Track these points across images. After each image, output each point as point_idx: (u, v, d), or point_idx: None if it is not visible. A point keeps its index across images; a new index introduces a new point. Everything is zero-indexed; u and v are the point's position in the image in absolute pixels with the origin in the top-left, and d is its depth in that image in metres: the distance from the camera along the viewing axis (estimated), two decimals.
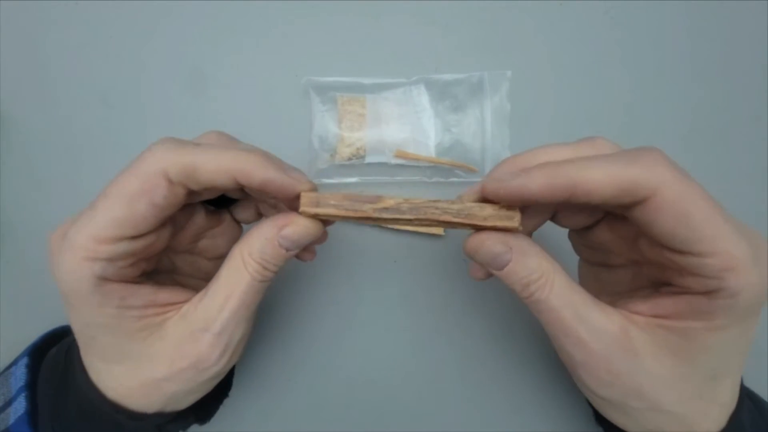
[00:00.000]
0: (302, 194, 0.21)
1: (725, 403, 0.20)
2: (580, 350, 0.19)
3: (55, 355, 0.26)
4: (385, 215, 0.20)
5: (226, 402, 0.29)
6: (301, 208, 0.21)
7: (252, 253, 0.21)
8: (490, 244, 0.20)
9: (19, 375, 0.26)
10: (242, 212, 0.26)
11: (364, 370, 0.33)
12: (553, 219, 0.24)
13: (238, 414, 0.33)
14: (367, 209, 0.21)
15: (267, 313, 0.33)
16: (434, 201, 0.20)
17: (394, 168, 0.33)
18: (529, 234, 0.24)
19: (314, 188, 0.21)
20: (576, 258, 0.27)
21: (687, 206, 0.17)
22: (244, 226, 0.27)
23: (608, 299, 0.21)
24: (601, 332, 0.19)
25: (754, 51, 0.33)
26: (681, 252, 0.18)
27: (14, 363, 0.27)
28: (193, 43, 0.33)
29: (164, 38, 0.33)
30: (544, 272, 0.19)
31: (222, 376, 0.23)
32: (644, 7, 0.33)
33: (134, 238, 0.20)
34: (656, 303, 0.20)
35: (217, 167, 0.20)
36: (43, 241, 0.33)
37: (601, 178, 0.17)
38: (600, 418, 0.24)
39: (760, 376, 0.33)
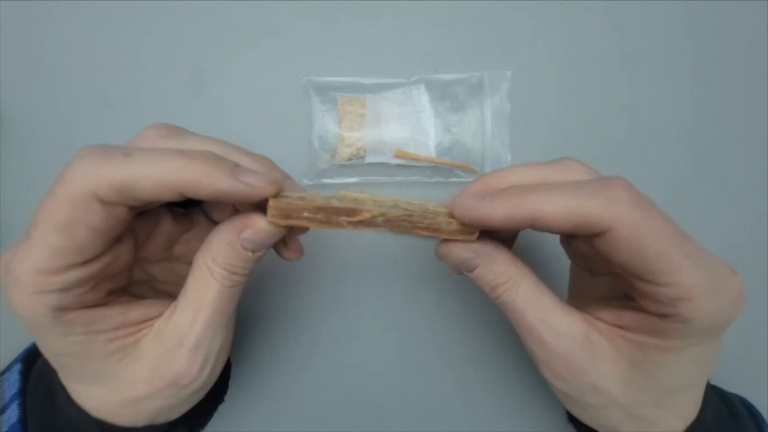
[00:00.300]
0: (270, 204, 0.19)
1: (683, 415, 0.21)
2: (542, 349, 0.21)
3: (41, 366, 0.25)
4: (360, 228, 0.20)
5: (226, 404, 0.29)
6: (269, 219, 0.19)
7: (216, 260, 0.20)
8: (458, 251, 0.21)
9: (13, 382, 0.25)
10: (218, 212, 0.24)
11: (364, 371, 0.33)
12: None
13: (238, 416, 0.33)
14: (342, 222, 0.20)
15: (266, 314, 0.33)
16: (408, 215, 0.21)
17: (394, 168, 0.33)
18: (513, 238, 0.25)
19: (278, 189, 0.19)
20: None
21: (642, 242, 0.18)
22: None
23: (590, 302, 0.22)
24: (563, 335, 0.20)
25: (754, 51, 0.33)
26: (638, 278, 0.19)
27: (8, 369, 0.26)
28: (193, 43, 0.33)
29: (164, 38, 0.33)
30: (510, 277, 0.21)
31: (209, 387, 0.22)
32: (644, 7, 0.33)
33: (84, 263, 0.18)
34: (620, 314, 0.21)
35: (155, 182, 0.17)
36: None
37: (558, 211, 0.18)
38: (571, 417, 0.25)
39: (760, 377, 0.33)
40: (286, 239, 0.23)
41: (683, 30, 0.34)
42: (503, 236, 0.25)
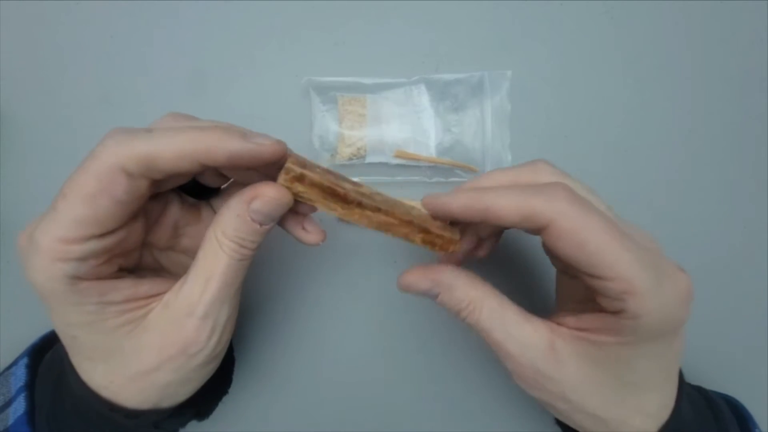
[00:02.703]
0: (288, 160, 0.20)
1: (652, 413, 0.22)
2: (510, 361, 0.22)
3: (52, 355, 0.26)
4: (361, 199, 0.21)
5: (225, 400, 0.29)
6: (282, 181, 0.20)
7: (225, 232, 0.20)
8: (417, 282, 0.23)
9: (19, 375, 0.26)
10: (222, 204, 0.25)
11: (364, 370, 0.33)
12: None
13: (237, 412, 0.33)
14: (348, 188, 0.21)
15: (267, 313, 0.33)
16: (403, 206, 0.22)
17: (394, 168, 0.33)
18: (498, 234, 0.26)
19: (285, 149, 0.20)
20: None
21: (582, 235, 0.19)
22: None
23: (572, 305, 0.24)
24: (528, 346, 0.21)
25: (754, 51, 0.33)
26: (587, 274, 0.20)
27: (14, 363, 0.27)
28: (194, 43, 0.33)
29: (165, 38, 0.33)
30: (471, 300, 0.22)
31: (215, 362, 0.23)
32: (644, 7, 0.33)
33: (103, 235, 0.19)
34: (581, 317, 0.22)
35: (176, 153, 0.19)
36: None
37: (507, 205, 0.20)
38: (557, 419, 0.26)
39: (761, 377, 0.33)
40: (304, 224, 0.23)
41: (683, 30, 0.34)
42: (487, 234, 0.26)
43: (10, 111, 0.33)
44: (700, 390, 0.26)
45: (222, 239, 0.20)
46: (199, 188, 0.25)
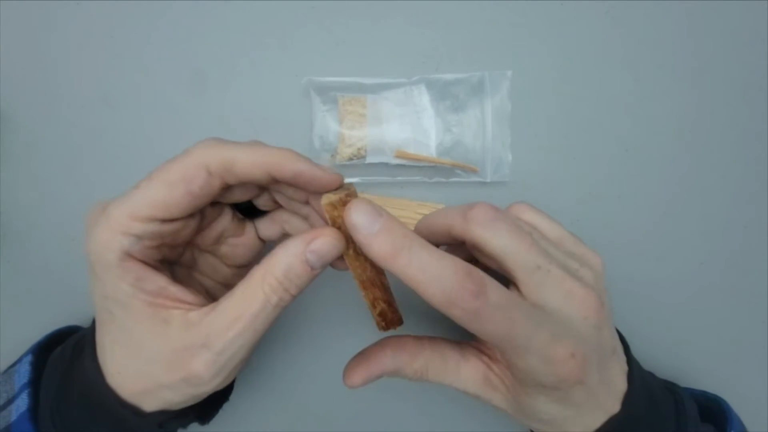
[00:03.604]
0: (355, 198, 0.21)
1: (589, 424, 0.23)
2: (464, 392, 0.25)
3: (60, 352, 0.26)
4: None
5: (226, 404, 0.29)
6: (351, 185, 0.22)
7: (274, 271, 0.21)
8: (366, 379, 0.25)
9: (23, 372, 0.26)
10: (267, 228, 0.27)
11: None
12: None
13: (237, 416, 0.33)
14: None
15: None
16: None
17: (394, 168, 0.33)
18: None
19: (342, 179, 0.23)
20: None
21: (490, 248, 0.22)
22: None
23: None
24: (469, 381, 0.25)
25: (754, 51, 0.33)
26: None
27: (18, 361, 0.27)
28: (194, 43, 0.33)
29: (165, 38, 0.33)
30: (417, 369, 0.25)
31: (211, 392, 0.23)
32: (644, 7, 0.33)
33: (165, 221, 0.21)
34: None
35: (252, 162, 0.21)
36: (43, 242, 0.33)
37: (434, 221, 0.25)
38: None
39: (761, 377, 0.33)
40: None
41: (683, 30, 0.34)
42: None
43: (10, 111, 0.33)
44: (671, 388, 0.26)
45: (268, 277, 0.21)
46: (249, 210, 0.27)
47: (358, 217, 0.20)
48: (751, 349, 0.33)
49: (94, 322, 0.24)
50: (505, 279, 0.22)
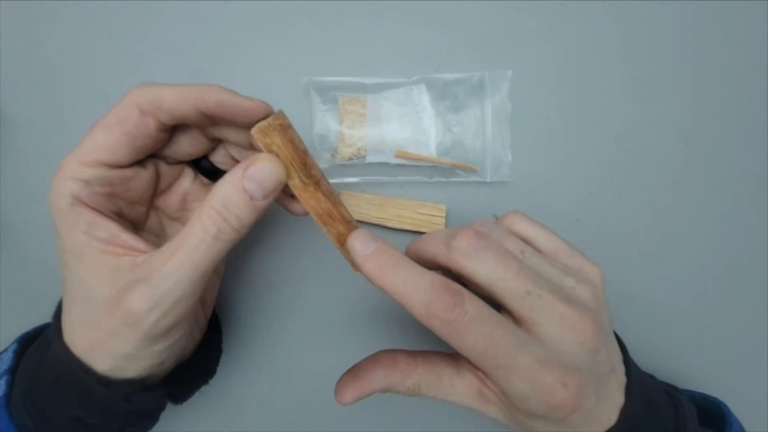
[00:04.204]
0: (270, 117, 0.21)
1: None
2: (458, 405, 0.25)
3: (40, 340, 0.26)
4: (321, 180, 0.22)
5: (211, 394, 0.28)
6: (280, 111, 0.21)
7: (212, 203, 0.20)
8: (357, 397, 0.24)
9: (5, 359, 0.26)
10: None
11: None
12: None
13: (226, 406, 0.33)
14: (316, 164, 0.22)
15: (265, 311, 0.33)
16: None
17: (394, 168, 0.33)
18: None
19: (270, 107, 0.22)
20: None
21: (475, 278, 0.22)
22: None
23: None
24: (464, 396, 0.24)
25: (754, 51, 0.33)
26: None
27: (5, 350, 0.27)
28: (193, 43, 0.33)
29: (164, 38, 0.33)
30: (409, 386, 0.24)
31: (162, 343, 0.22)
32: (644, 7, 0.33)
33: (111, 166, 0.22)
34: None
35: (178, 96, 0.22)
36: (43, 241, 0.33)
37: (420, 247, 0.25)
38: None
39: (761, 377, 0.33)
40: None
41: (684, 30, 0.34)
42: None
43: (10, 111, 0.33)
44: (670, 392, 0.26)
45: (205, 208, 0.20)
46: (212, 174, 0.27)
47: (356, 243, 0.22)
48: (751, 350, 0.33)
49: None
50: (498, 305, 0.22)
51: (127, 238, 0.22)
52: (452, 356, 0.25)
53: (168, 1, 0.33)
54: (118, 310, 0.20)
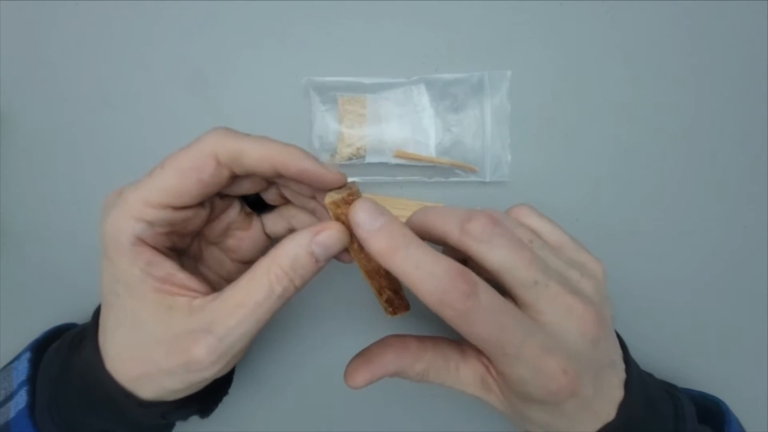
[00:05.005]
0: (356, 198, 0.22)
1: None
2: (464, 392, 0.25)
3: (57, 347, 0.26)
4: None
5: (225, 400, 0.29)
6: (354, 184, 0.22)
7: (281, 262, 0.21)
8: (368, 380, 0.24)
9: (21, 369, 0.26)
10: (274, 223, 0.27)
11: None
12: None
13: (238, 413, 0.33)
14: None
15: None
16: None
17: (394, 168, 0.33)
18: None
19: (345, 179, 0.23)
20: None
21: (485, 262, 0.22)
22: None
23: None
24: (468, 383, 0.25)
25: (754, 51, 0.33)
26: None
27: (17, 358, 0.27)
28: (194, 43, 0.33)
29: (165, 38, 0.33)
30: (419, 373, 0.25)
31: (211, 380, 0.23)
32: (644, 7, 0.33)
33: (176, 208, 0.22)
34: None
35: (260, 155, 0.22)
36: (43, 242, 0.33)
37: (430, 220, 0.23)
38: None
39: (761, 377, 0.33)
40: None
41: (683, 30, 0.34)
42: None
43: (10, 111, 0.33)
44: (670, 391, 0.26)
45: (273, 267, 0.21)
46: (257, 204, 0.27)
47: (360, 215, 0.21)
48: (751, 350, 0.33)
49: (93, 314, 0.24)
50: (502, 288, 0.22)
51: (183, 277, 0.22)
52: (459, 342, 0.25)
53: (168, 1, 0.33)
54: (180, 355, 0.21)
